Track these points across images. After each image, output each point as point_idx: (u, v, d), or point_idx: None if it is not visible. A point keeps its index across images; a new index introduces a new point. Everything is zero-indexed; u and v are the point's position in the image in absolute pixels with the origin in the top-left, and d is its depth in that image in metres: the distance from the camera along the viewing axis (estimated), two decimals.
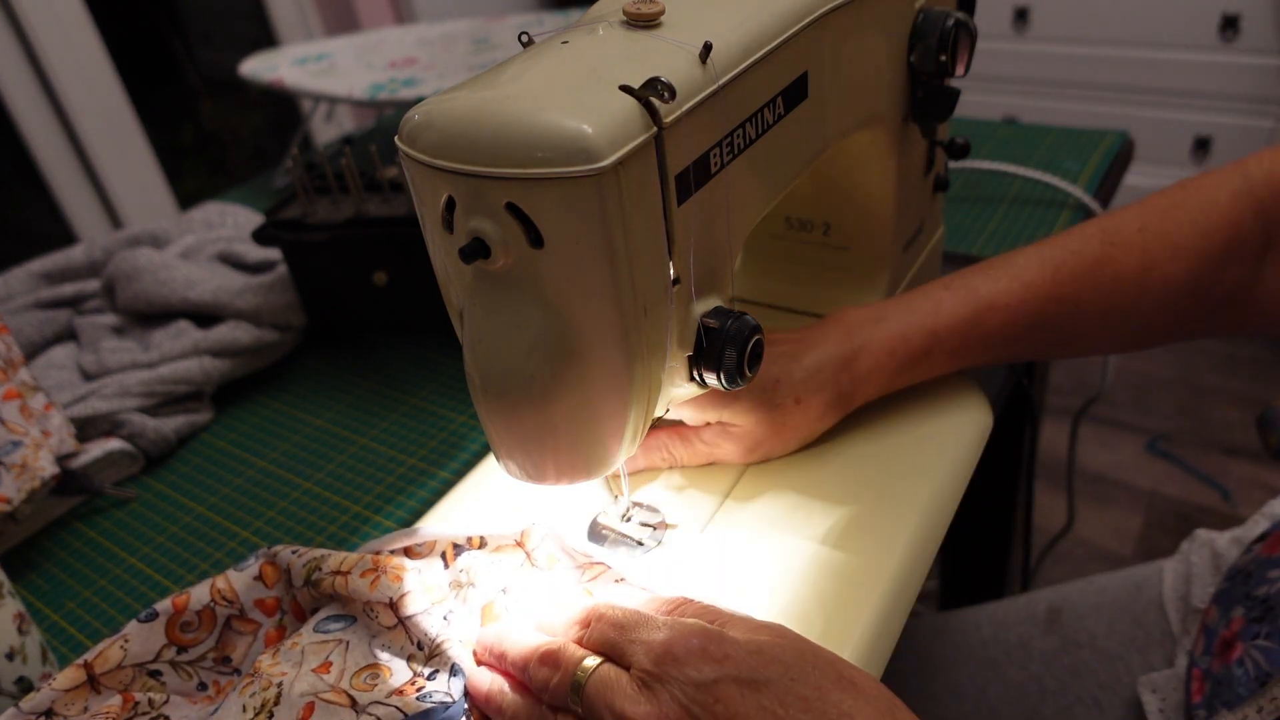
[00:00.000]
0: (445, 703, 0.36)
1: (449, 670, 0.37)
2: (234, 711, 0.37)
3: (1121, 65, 1.92)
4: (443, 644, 0.38)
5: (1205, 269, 0.47)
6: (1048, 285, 0.48)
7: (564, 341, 0.33)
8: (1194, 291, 0.47)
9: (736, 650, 0.32)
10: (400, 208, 0.67)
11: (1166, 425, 1.66)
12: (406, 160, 0.32)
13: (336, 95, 0.95)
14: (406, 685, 0.37)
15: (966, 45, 0.49)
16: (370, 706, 0.36)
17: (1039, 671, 0.62)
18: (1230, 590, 0.51)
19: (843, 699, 0.31)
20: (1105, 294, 0.48)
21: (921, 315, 0.48)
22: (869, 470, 0.48)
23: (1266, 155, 0.48)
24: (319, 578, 0.42)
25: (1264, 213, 0.47)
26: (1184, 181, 0.49)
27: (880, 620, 0.40)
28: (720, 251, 0.38)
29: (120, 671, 0.40)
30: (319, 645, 0.40)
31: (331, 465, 0.61)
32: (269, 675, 0.38)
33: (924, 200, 0.58)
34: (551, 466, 0.37)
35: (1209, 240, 0.47)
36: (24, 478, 0.53)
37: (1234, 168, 0.48)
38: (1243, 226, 0.47)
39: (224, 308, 0.69)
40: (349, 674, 0.38)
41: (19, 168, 1.58)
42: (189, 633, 0.42)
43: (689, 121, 0.32)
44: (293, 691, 0.37)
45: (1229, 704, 0.46)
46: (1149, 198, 0.49)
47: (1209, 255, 0.47)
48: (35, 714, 0.39)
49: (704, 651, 0.32)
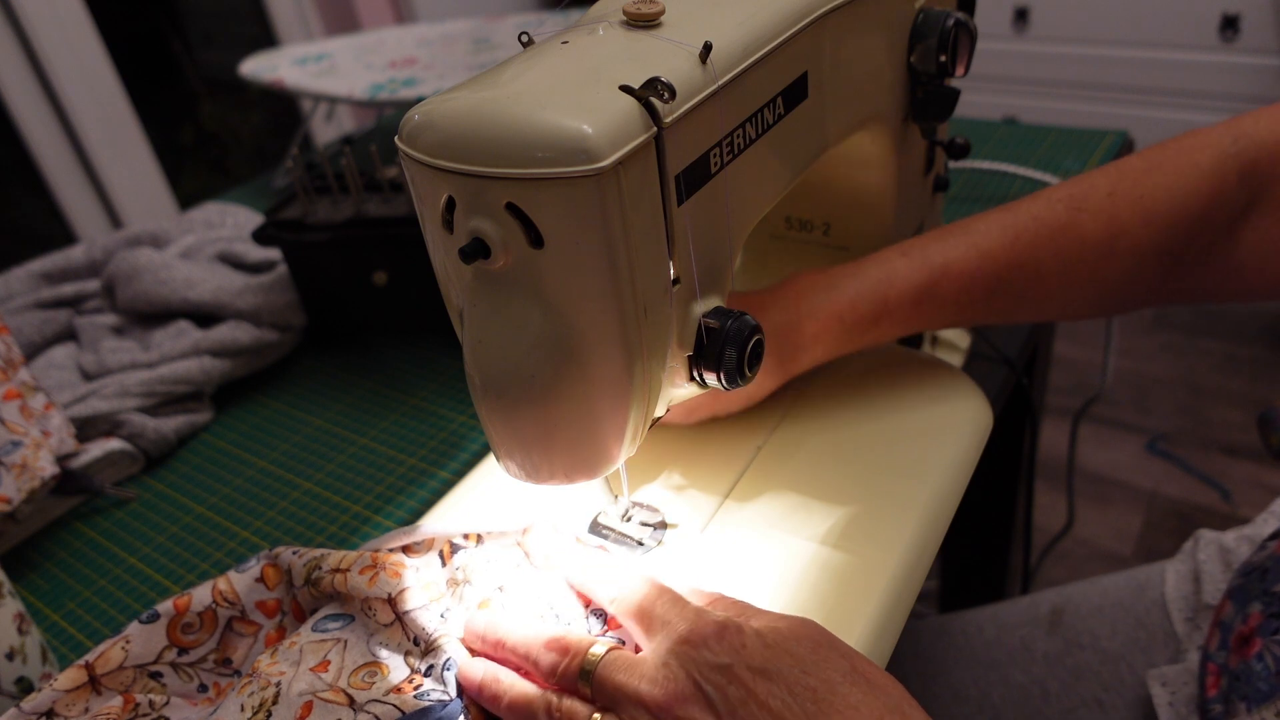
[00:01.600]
0: (443, 700, 0.36)
1: (443, 665, 0.37)
2: (232, 711, 0.37)
3: (1121, 65, 1.92)
4: (439, 640, 0.38)
5: (1177, 235, 0.46)
6: (1006, 252, 0.47)
7: (564, 341, 0.33)
8: (1164, 258, 0.46)
9: (752, 641, 0.33)
10: (400, 208, 0.67)
11: (1166, 425, 1.66)
12: (406, 160, 0.32)
13: (336, 95, 0.95)
14: (404, 683, 0.37)
15: (966, 45, 0.49)
16: (368, 704, 0.36)
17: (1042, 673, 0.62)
18: (1246, 586, 0.51)
19: (852, 692, 0.32)
20: (1068, 260, 0.46)
21: (873, 282, 0.48)
22: (869, 470, 0.48)
23: (1265, 114, 0.46)
24: (319, 576, 0.42)
25: (1251, 173, 0.45)
26: (1169, 140, 0.48)
27: (880, 620, 0.40)
28: (720, 251, 0.38)
29: (121, 672, 0.40)
30: (317, 644, 0.40)
31: (331, 465, 0.61)
32: (267, 675, 0.38)
33: (924, 200, 0.58)
34: (552, 466, 0.37)
35: (1184, 205, 0.45)
36: (24, 478, 0.53)
37: (1226, 126, 0.47)
38: (1225, 190, 0.45)
39: (224, 308, 0.69)
40: (347, 672, 0.38)
41: (19, 168, 1.58)
42: (190, 634, 0.42)
43: (689, 121, 0.32)
44: (291, 691, 0.37)
45: (1248, 699, 0.46)
46: (1127, 158, 0.48)
47: (1182, 221, 0.45)
48: (37, 714, 0.39)
49: (720, 639, 0.33)
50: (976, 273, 0.47)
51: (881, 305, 0.47)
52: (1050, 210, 0.47)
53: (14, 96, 1.52)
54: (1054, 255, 0.46)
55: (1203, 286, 0.48)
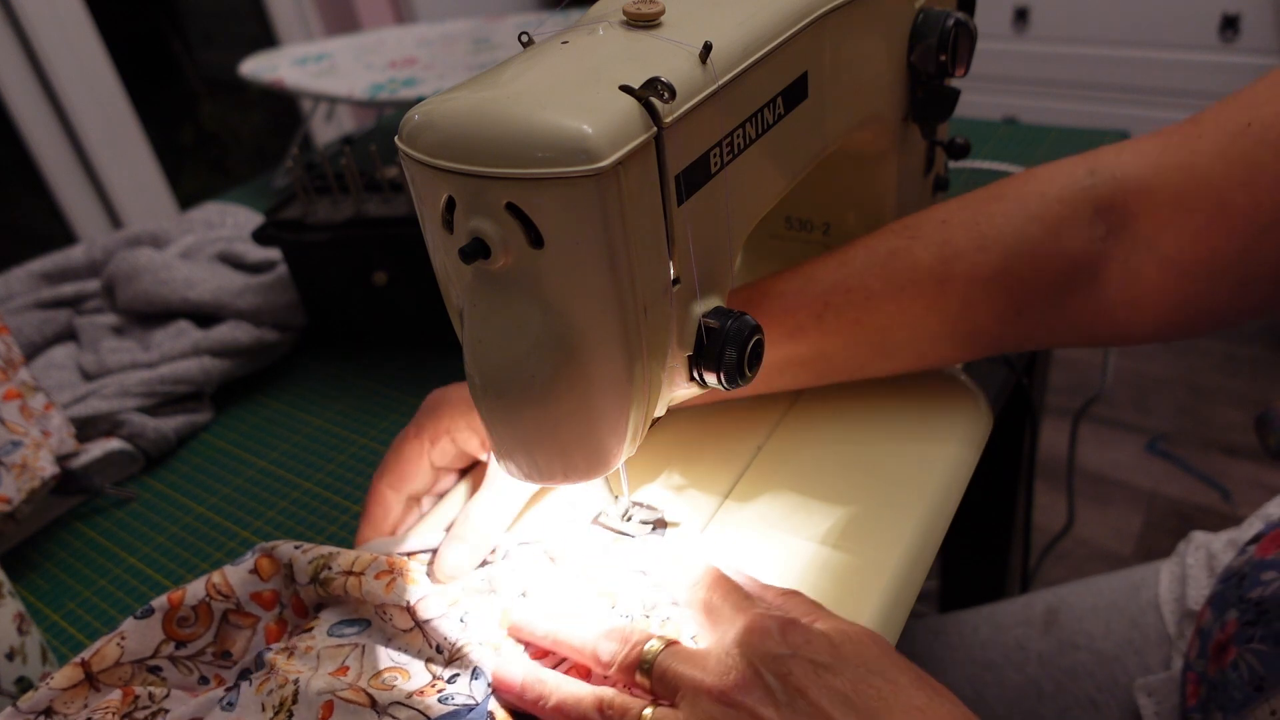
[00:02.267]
0: (469, 704, 0.36)
1: (470, 673, 0.37)
2: (253, 710, 0.37)
3: (1121, 65, 1.92)
4: (464, 648, 0.38)
5: (1018, 262, 0.44)
6: (832, 272, 0.46)
7: (564, 341, 0.33)
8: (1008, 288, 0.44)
9: (817, 638, 0.34)
10: (400, 208, 0.67)
11: (1166, 425, 1.66)
12: (406, 160, 0.32)
13: (336, 95, 0.95)
14: (426, 687, 0.37)
15: (966, 45, 0.49)
16: (391, 707, 0.36)
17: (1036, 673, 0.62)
18: (1224, 593, 0.51)
19: (917, 695, 0.32)
20: (899, 284, 0.45)
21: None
22: (869, 471, 0.48)
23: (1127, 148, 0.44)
24: (328, 576, 0.42)
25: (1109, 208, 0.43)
26: (1025, 171, 0.47)
27: (880, 621, 0.40)
28: (720, 251, 0.38)
29: (119, 668, 0.40)
30: (334, 649, 0.40)
31: (331, 465, 0.61)
32: (285, 671, 0.38)
33: (924, 200, 0.58)
34: (552, 466, 0.37)
35: (1021, 231, 0.44)
36: (24, 478, 0.53)
37: (1083, 158, 0.45)
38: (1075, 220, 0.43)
39: (224, 308, 0.69)
40: (366, 676, 0.38)
41: (19, 168, 1.58)
42: (186, 628, 0.42)
43: (689, 121, 0.32)
44: (310, 690, 0.37)
45: (1224, 708, 0.46)
46: (975, 191, 0.47)
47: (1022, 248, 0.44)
48: (34, 713, 0.39)
49: (784, 633, 0.34)
50: (798, 293, 0.46)
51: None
52: (880, 238, 0.47)
53: (14, 96, 1.52)
54: (883, 279, 0.45)
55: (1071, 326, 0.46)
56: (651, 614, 0.40)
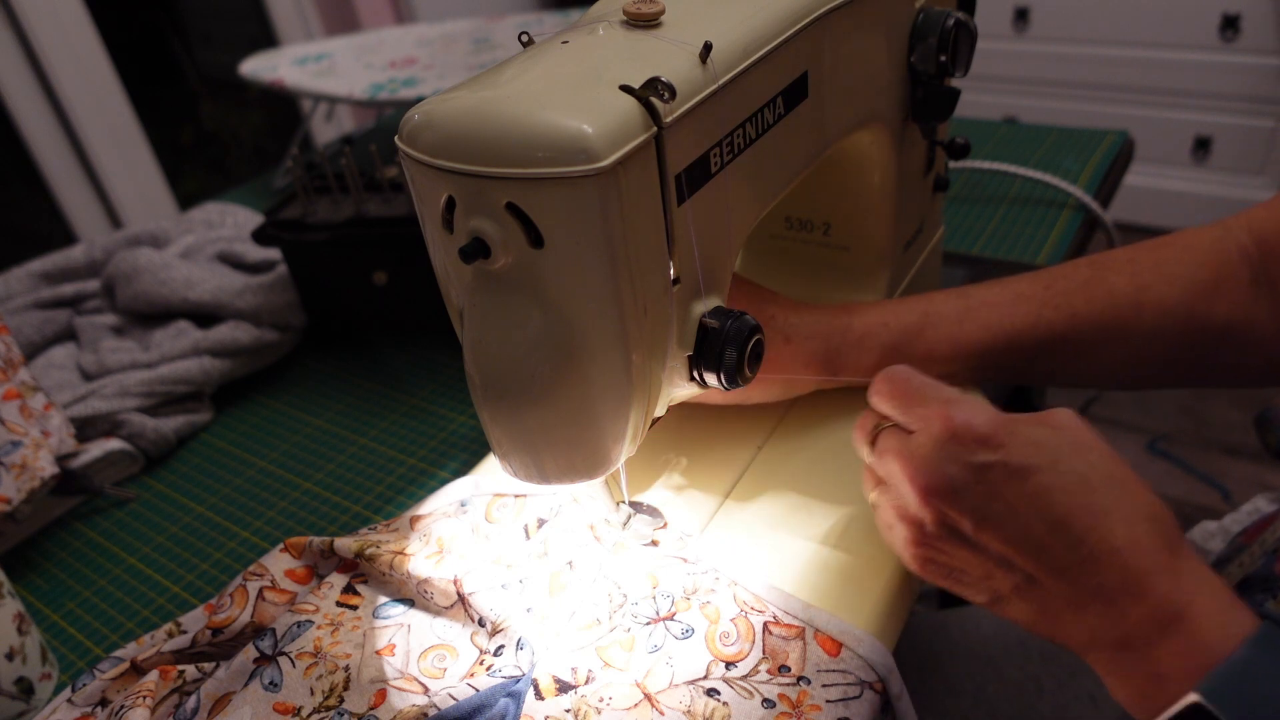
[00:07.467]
0: (515, 676, 0.37)
1: (515, 644, 0.39)
2: (301, 694, 0.38)
3: (1121, 65, 1.92)
4: (504, 622, 0.39)
5: (1198, 295, 0.48)
6: (1040, 292, 0.49)
7: (564, 341, 0.33)
8: (1189, 318, 0.48)
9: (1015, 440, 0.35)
10: (400, 208, 0.67)
11: (1166, 425, 1.66)
12: (406, 160, 0.32)
13: (336, 95, 0.95)
14: (475, 666, 0.39)
15: (966, 45, 0.49)
16: (442, 690, 0.37)
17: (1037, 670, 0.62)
18: None
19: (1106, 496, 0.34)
20: (1100, 308, 0.48)
21: (913, 300, 0.51)
22: None
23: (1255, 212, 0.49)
24: (374, 553, 0.43)
25: (1249, 258, 0.48)
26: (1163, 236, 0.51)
27: (880, 621, 0.40)
28: (720, 251, 0.38)
29: (161, 657, 0.42)
30: (380, 630, 0.41)
31: (331, 465, 0.61)
32: (334, 658, 0.39)
33: (924, 200, 0.58)
34: (552, 466, 0.37)
35: (1198, 269, 0.48)
36: (24, 478, 0.53)
37: (1214, 225, 0.50)
38: (1229, 263, 0.48)
39: (224, 308, 0.69)
40: (414, 656, 0.40)
41: (19, 168, 1.58)
42: (222, 613, 0.43)
43: (689, 121, 0.32)
44: (361, 677, 0.38)
45: None
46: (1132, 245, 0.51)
47: (1199, 282, 0.48)
48: (89, 704, 0.40)
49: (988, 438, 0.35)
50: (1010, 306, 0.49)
51: (923, 316, 0.50)
52: (1074, 268, 0.50)
53: (14, 96, 1.52)
54: (1085, 301, 0.48)
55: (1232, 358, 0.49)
56: (693, 597, 0.41)
